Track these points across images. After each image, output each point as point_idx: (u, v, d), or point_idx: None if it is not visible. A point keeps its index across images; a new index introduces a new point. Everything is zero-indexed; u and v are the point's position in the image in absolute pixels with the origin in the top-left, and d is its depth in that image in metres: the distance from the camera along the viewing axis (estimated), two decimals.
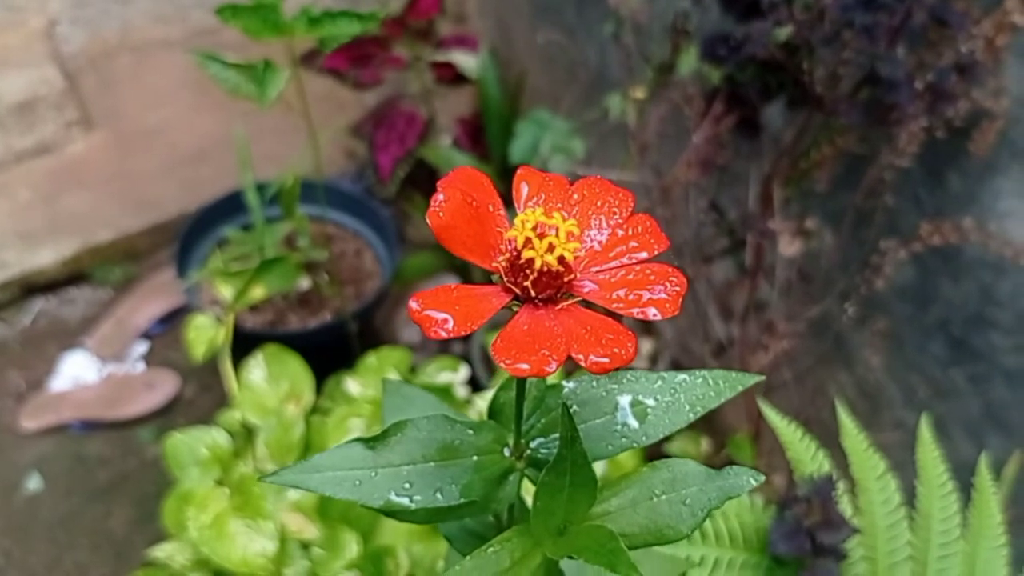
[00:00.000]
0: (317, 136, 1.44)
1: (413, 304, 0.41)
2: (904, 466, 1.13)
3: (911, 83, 1.11)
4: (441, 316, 0.41)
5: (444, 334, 0.41)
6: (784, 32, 1.19)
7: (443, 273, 2.23)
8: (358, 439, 0.53)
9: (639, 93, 1.54)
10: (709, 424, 1.78)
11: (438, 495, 0.52)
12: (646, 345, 1.96)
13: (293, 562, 1.34)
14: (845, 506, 1.08)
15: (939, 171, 1.22)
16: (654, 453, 1.50)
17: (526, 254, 0.44)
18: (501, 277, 0.46)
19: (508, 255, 0.46)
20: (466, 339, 2.00)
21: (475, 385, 1.76)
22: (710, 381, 0.54)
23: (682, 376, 0.54)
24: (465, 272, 2.20)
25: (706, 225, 1.49)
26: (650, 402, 0.54)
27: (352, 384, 1.55)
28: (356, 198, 2.21)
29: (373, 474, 0.52)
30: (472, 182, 0.47)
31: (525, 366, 0.40)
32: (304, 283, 1.98)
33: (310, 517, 1.37)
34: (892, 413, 1.42)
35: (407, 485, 0.52)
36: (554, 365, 0.40)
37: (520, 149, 1.80)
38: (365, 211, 2.19)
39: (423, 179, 2.17)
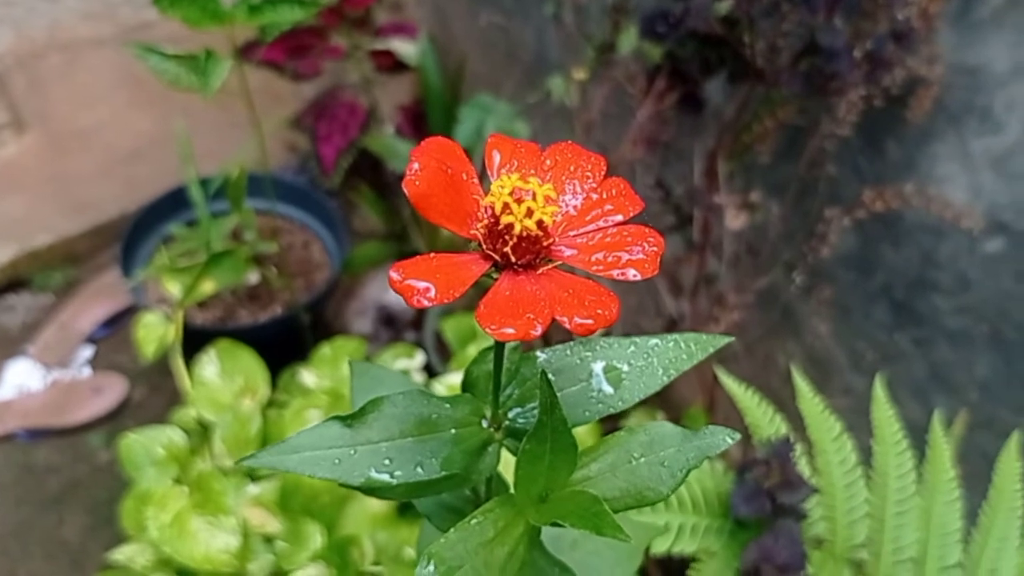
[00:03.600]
0: (262, 128, 1.43)
1: (394, 274, 0.41)
2: (855, 430, 1.16)
3: (850, 52, 1.13)
4: (423, 285, 0.41)
5: (427, 302, 0.41)
6: (724, 6, 1.20)
7: (392, 262, 2.22)
8: (335, 417, 0.52)
9: (581, 74, 1.54)
10: (663, 398, 1.80)
11: (419, 469, 0.52)
12: None
13: (257, 557, 1.33)
14: (803, 468, 1.10)
15: (878, 139, 1.25)
16: (611, 429, 1.51)
17: (505, 219, 0.44)
18: (480, 244, 0.46)
19: (486, 222, 0.46)
20: (419, 327, 2.00)
21: (429, 372, 1.76)
22: (682, 344, 0.55)
23: (654, 340, 0.55)
24: None
25: (653, 202, 1.51)
26: (624, 367, 0.54)
27: (307, 375, 1.54)
28: (302, 190, 2.19)
29: (352, 452, 0.52)
30: (445, 150, 0.47)
31: (511, 330, 0.41)
32: (253, 277, 1.96)
33: (272, 511, 1.36)
34: (841, 379, 1.45)
35: (387, 461, 0.52)
36: (539, 328, 0.40)
37: (464, 134, 1.79)
38: (311, 203, 2.18)
39: (367, 169, 2.16)
